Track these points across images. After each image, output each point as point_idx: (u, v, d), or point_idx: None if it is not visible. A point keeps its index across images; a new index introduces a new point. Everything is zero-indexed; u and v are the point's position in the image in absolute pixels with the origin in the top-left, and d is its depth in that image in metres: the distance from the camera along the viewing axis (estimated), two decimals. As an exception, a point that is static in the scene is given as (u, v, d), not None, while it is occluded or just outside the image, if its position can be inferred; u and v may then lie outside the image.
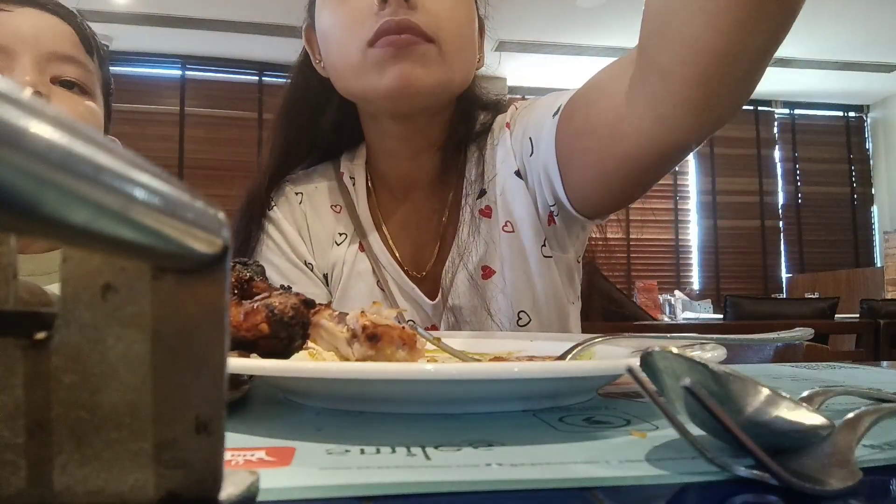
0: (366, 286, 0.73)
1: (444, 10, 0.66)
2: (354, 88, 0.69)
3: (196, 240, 0.15)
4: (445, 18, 0.66)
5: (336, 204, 0.78)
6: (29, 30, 0.67)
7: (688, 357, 0.23)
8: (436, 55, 0.66)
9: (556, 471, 0.24)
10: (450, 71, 0.67)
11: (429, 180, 0.76)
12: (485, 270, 0.72)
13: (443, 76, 0.67)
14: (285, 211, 0.77)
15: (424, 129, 0.74)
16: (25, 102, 0.09)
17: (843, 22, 4.11)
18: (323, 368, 0.31)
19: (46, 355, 0.17)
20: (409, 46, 0.64)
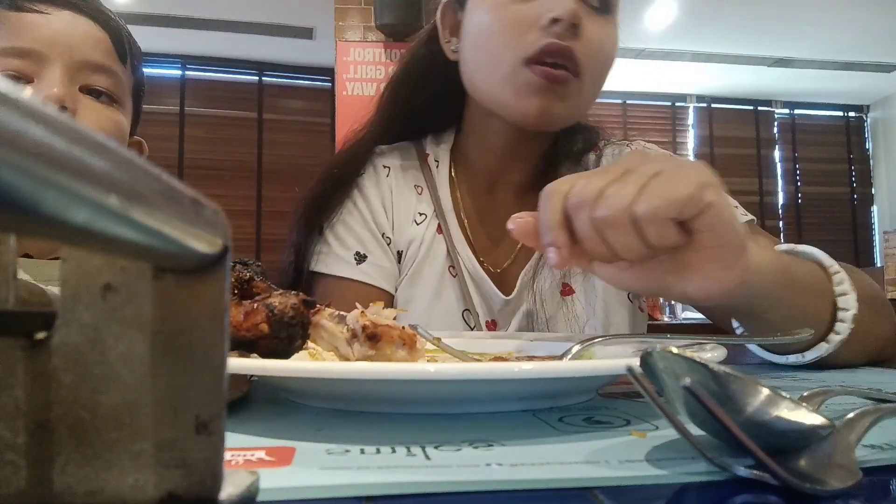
0: (437, 269, 0.73)
1: (599, 44, 0.66)
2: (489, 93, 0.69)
3: (196, 240, 0.15)
4: (598, 52, 0.66)
5: (418, 185, 0.78)
6: (63, 36, 0.67)
7: (688, 357, 0.23)
8: (577, 90, 0.66)
9: (556, 471, 0.24)
10: (584, 104, 0.69)
11: (518, 182, 0.77)
12: (565, 287, 0.73)
13: (576, 109, 0.69)
14: (373, 181, 0.77)
15: (531, 137, 0.74)
16: (25, 102, 0.09)
17: (843, 22, 4.11)
18: (323, 368, 0.31)
19: (46, 355, 0.17)
20: (563, 81, 0.64)
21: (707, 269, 0.41)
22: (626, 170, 0.41)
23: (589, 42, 0.65)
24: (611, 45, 0.68)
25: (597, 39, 0.66)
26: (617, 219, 0.39)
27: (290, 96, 4.74)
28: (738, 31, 4.25)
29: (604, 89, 0.74)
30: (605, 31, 0.67)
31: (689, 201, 0.38)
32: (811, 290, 0.51)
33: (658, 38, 4.34)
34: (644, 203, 0.38)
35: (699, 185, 0.38)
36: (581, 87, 0.66)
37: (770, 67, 4.82)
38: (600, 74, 0.68)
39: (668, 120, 5.45)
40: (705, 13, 4.04)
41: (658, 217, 0.38)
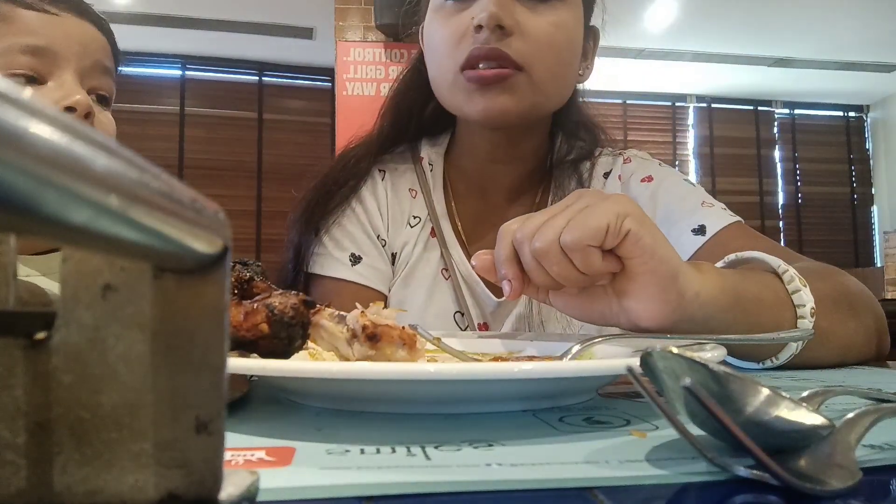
0: (430, 272, 0.74)
1: (543, 36, 0.66)
2: (447, 102, 0.72)
3: (196, 240, 0.15)
4: (543, 45, 0.66)
5: (413, 188, 0.79)
6: (76, 37, 0.67)
7: (688, 357, 0.23)
8: (526, 83, 0.66)
9: (556, 471, 0.24)
10: (541, 96, 0.68)
11: (510, 186, 0.77)
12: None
13: (531, 102, 0.68)
14: (368, 186, 0.78)
15: (516, 139, 0.75)
16: (25, 102, 0.09)
17: (843, 22, 4.11)
18: (323, 368, 0.31)
19: (46, 355, 0.17)
20: (500, 79, 0.65)
21: (642, 296, 0.45)
22: (564, 206, 0.45)
23: (527, 34, 0.65)
24: (560, 30, 0.67)
25: (537, 29, 0.66)
26: (548, 249, 0.43)
27: (290, 96, 4.74)
28: (738, 31, 4.25)
29: (603, 89, 0.74)
30: (549, 19, 0.67)
31: (605, 230, 0.42)
32: (766, 304, 0.51)
33: (658, 38, 4.34)
34: (568, 233, 0.43)
35: (617, 215, 0.43)
36: (530, 78, 0.66)
37: (770, 67, 4.83)
38: (555, 61, 0.67)
39: (668, 120, 5.45)
40: (705, 13, 4.04)
41: (581, 245, 0.42)
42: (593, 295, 0.48)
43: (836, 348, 0.55)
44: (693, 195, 0.72)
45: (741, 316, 0.49)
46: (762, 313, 0.51)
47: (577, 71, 0.73)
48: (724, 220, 0.67)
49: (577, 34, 0.70)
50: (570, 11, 0.68)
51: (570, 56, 0.69)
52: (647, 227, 0.44)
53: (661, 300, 0.44)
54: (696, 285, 0.46)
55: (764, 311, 0.51)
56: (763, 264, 0.54)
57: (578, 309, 0.49)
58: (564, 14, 0.67)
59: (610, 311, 0.47)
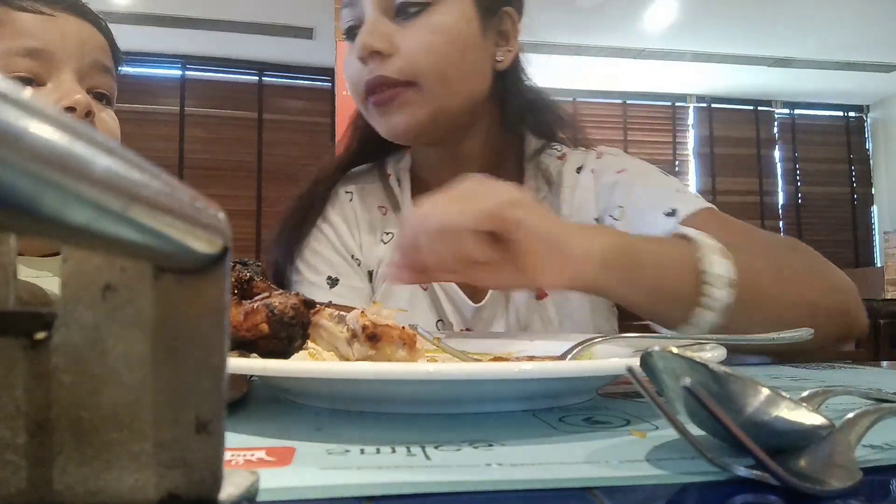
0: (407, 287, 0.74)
1: (419, 47, 0.66)
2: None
3: (196, 240, 0.15)
4: (422, 55, 0.66)
5: (382, 205, 0.79)
6: (72, 38, 0.67)
7: (688, 357, 0.23)
8: (417, 96, 0.67)
9: (556, 471, 0.24)
10: (439, 102, 0.68)
11: None
12: (540, 291, 0.73)
13: (431, 110, 0.68)
14: (336, 208, 0.79)
15: (452, 146, 0.75)
16: (25, 102, 0.09)
17: (843, 22, 4.11)
18: (323, 368, 0.31)
19: (46, 355, 0.17)
20: (390, 100, 0.67)
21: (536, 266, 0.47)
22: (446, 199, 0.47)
23: (405, 51, 0.66)
24: (437, 34, 0.67)
25: (413, 43, 0.66)
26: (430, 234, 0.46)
27: (290, 96, 4.74)
28: (738, 31, 4.25)
29: (604, 89, 0.74)
30: (422, 29, 0.67)
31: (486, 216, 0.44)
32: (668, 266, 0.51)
33: (658, 38, 4.34)
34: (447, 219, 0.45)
35: (499, 202, 0.45)
36: (423, 90, 0.67)
37: (770, 67, 4.82)
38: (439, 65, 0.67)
39: (668, 120, 5.45)
40: (705, 13, 4.04)
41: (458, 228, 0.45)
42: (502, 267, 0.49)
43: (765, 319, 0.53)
44: (667, 183, 0.72)
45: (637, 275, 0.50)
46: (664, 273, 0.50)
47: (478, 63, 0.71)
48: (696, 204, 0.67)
49: (464, 29, 0.69)
50: (448, 12, 0.68)
51: (457, 54, 0.68)
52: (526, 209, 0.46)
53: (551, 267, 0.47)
54: (585, 247, 0.47)
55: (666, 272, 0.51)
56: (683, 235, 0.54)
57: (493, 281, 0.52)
58: (439, 17, 0.67)
59: (514, 278, 0.49)
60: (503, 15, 0.73)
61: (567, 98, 5.20)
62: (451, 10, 0.68)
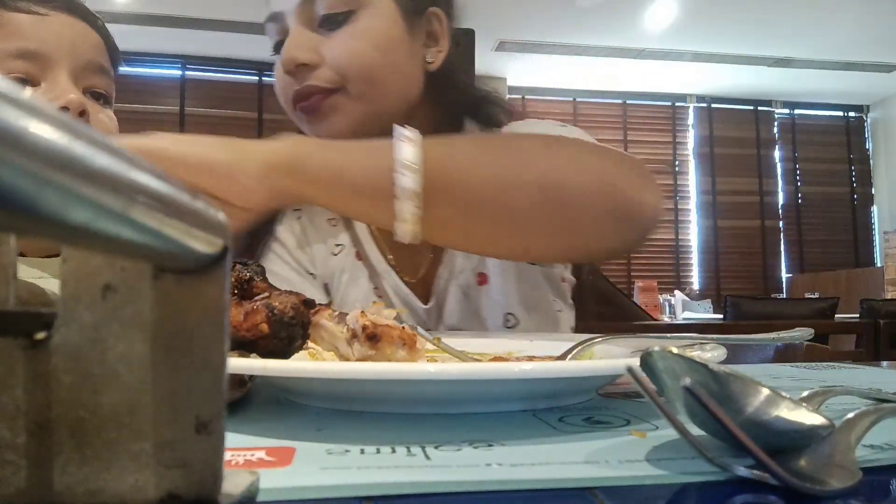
0: (362, 294, 0.75)
1: (344, 54, 0.66)
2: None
3: (196, 240, 0.15)
4: (347, 61, 0.66)
5: (332, 217, 0.79)
6: (66, 38, 0.66)
7: (688, 357, 0.23)
8: (344, 101, 0.67)
9: (556, 471, 0.24)
10: (368, 105, 0.67)
11: None
12: (480, 277, 0.73)
13: (359, 114, 0.67)
14: (285, 224, 0.79)
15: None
16: (25, 102, 0.09)
17: (843, 22, 4.11)
18: (323, 368, 0.31)
19: (46, 355, 0.17)
20: (317, 106, 0.67)
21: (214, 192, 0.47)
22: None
23: (330, 61, 0.66)
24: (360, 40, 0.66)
25: (337, 51, 0.66)
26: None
27: (290, 96, 4.73)
28: (738, 31, 4.25)
29: (604, 89, 0.73)
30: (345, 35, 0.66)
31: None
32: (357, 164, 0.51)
33: (658, 38, 4.34)
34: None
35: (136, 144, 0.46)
36: (352, 95, 0.66)
37: (770, 67, 4.83)
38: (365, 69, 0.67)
39: (668, 120, 5.45)
40: (705, 13, 4.04)
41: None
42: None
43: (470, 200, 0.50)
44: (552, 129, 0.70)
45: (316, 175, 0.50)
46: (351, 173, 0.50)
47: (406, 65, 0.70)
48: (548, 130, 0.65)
49: (389, 32, 0.68)
50: (371, 17, 0.67)
51: (383, 57, 0.68)
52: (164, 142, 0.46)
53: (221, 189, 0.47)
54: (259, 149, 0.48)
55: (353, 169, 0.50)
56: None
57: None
58: (363, 23, 0.67)
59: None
60: (429, 16, 0.73)
61: (567, 98, 5.21)
62: (375, 15, 0.67)
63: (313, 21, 0.67)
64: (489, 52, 4.33)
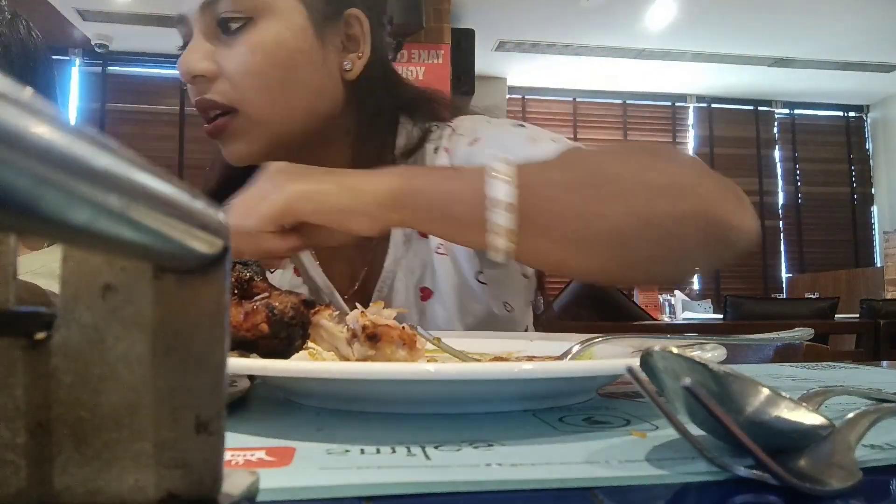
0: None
1: (240, 68, 0.62)
2: None
3: (196, 240, 0.15)
4: (245, 77, 0.62)
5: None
6: None
7: (688, 357, 0.23)
8: (244, 124, 0.64)
9: (556, 471, 0.24)
10: (271, 127, 0.64)
11: None
12: (423, 292, 0.70)
13: (264, 136, 0.64)
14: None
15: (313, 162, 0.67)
16: (25, 102, 0.09)
17: (843, 22, 4.11)
18: (323, 368, 0.31)
19: (46, 355, 0.17)
20: (219, 131, 0.64)
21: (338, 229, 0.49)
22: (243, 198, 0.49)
23: (230, 73, 0.63)
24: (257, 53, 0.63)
25: (233, 64, 0.63)
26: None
27: (290, 96, 4.73)
28: (738, 31, 4.25)
29: (604, 89, 0.72)
30: (243, 47, 0.62)
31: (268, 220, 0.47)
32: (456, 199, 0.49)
33: (658, 38, 4.34)
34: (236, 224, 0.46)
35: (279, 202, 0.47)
36: (249, 116, 0.63)
37: (770, 67, 4.82)
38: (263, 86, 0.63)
39: (668, 120, 5.45)
40: (705, 13, 4.04)
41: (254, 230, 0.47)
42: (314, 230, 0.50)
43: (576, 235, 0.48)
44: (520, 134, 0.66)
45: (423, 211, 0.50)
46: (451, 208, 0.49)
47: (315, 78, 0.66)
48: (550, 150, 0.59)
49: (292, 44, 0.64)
50: (272, 27, 0.63)
51: (281, 74, 0.63)
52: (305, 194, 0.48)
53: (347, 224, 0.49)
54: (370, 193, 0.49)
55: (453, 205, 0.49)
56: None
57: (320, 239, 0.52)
58: (260, 34, 0.63)
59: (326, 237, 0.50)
60: (347, 19, 0.67)
61: (567, 98, 5.21)
62: (276, 25, 0.63)
63: (213, 28, 0.63)
64: (489, 52, 4.33)
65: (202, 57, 0.63)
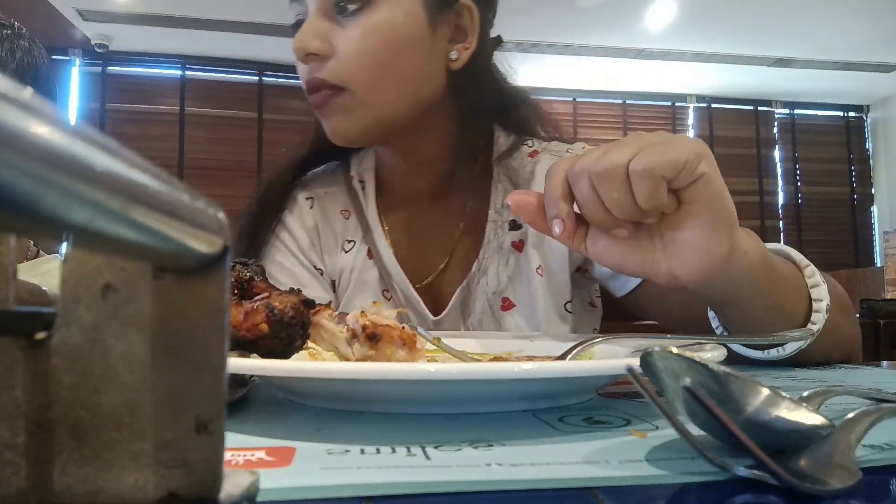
0: (371, 295, 0.73)
1: (353, 50, 0.64)
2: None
3: (196, 240, 0.15)
4: (356, 58, 0.64)
5: (345, 209, 0.77)
6: None
7: (688, 357, 0.23)
8: (351, 102, 0.65)
9: (556, 471, 0.24)
10: (376, 108, 0.65)
11: (432, 191, 0.75)
12: (504, 302, 0.71)
13: (369, 116, 0.65)
14: (296, 217, 0.77)
15: (410, 147, 0.72)
16: (25, 102, 0.09)
17: (843, 22, 4.11)
18: (323, 368, 0.31)
19: (46, 355, 0.17)
20: (325, 103, 0.65)
21: (695, 242, 0.43)
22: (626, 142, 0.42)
23: (344, 54, 0.64)
24: (372, 36, 0.64)
25: (347, 45, 0.64)
26: (613, 172, 0.40)
27: (290, 96, 4.73)
28: (738, 31, 4.25)
29: (604, 89, 0.72)
30: (357, 29, 0.64)
31: (683, 165, 0.40)
32: (790, 284, 0.51)
33: (658, 38, 4.34)
34: (640, 159, 0.40)
35: (696, 154, 0.40)
36: (357, 96, 0.64)
37: (770, 67, 4.82)
38: (373, 69, 0.64)
39: (668, 120, 5.45)
40: (705, 13, 4.04)
41: (653, 174, 0.40)
42: (637, 240, 0.45)
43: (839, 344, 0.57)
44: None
45: (770, 286, 0.49)
46: (787, 292, 0.51)
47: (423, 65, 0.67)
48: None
49: (405, 29, 0.65)
50: (389, 10, 0.64)
51: (394, 58, 0.64)
52: (718, 174, 0.41)
53: (713, 249, 0.43)
54: (745, 244, 0.45)
55: (789, 292, 0.51)
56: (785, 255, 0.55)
57: (618, 255, 0.45)
58: (378, 17, 0.64)
59: (651, 258, 0.45)
60: (460, 9, 0.68)
61: (567, 98, 5.21)
62: (392, 10, 0.64)
63: (331, 7, 0.65)
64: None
65: (317, 36, 0.64)
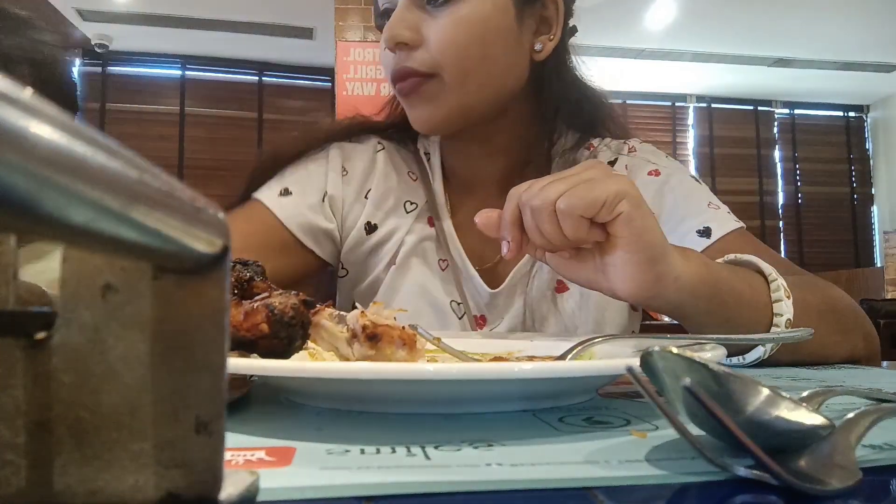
0: (427, 260, 0.73)
1: (443, 39, 0.65)
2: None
3: (196, 240, 0.15)
4: (445, 47, 0.65)
5: (413, 172, 0.78)
6: None
7: (688, 357, 0.23)
8: (440, 89, 0.66)
9: (556, 471, 0.24)
10: (463, 97, 0.67)
11: (499, 180, 0.76)
12: (559, 284, 0.72)
13: (455, 104, 0.67)
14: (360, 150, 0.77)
15: (484, 136, 0.73)
16: (25, 102, 0.09)
17: (843, 22, 4.11)
18: (323, 368, 0.31)
19: (46, 355, 0.17)
20: (413, 91, 0.67)
21: (621, 272, 0.47)
22: (570, 174, 0.47)
23: (429, 42, 0.65)
24: (461, 26, 0.65)
25: (437, 35, 0.65)
26: (544, 208, 0.46)
27: (290, 96, 4.74)
28: (738, 31, 4.25)
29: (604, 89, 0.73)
30: (447, 19, 0.65)
31: (602, 204, 0.44)
32: (745, 301, 0.52)
33: (658, 38, 4.34)
34: (564, 199, 0.45)
35: (616, 193, 0.45)
36: (446, 83, 0.66)
37: (770, 67, 4.83)
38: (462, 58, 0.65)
39: (668, 120, 5.45)
40: (705, 13, 4.05)
41: (573, 213, 0.45)
42: (582, 259, 0.51)
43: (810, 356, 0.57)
44: (699, 194, 0.72)
45: (716, 307, 0.51)
46: (740, 310, 0.52)
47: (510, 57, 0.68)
48: (729, 224, 0.67)
49: (494, 21, 0.66)
50: (475, 3, 0.65)
51: (483, 49, 0.66)
52: (640, 212, 0.45)
53: (639, 279, 0.47)
54: (677, 270, 0.48)
55: (742, 308, 0.52)
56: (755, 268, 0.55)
57: (569, 270, 0.52)
58: (466, 9, 0.65)
59: (595, 276, 0.50)
60: (546, 1, 0.70)
61: (567, 98, 5.20)
62: (481, 1, 0.65)
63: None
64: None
65: (408, 26, 0.66)
